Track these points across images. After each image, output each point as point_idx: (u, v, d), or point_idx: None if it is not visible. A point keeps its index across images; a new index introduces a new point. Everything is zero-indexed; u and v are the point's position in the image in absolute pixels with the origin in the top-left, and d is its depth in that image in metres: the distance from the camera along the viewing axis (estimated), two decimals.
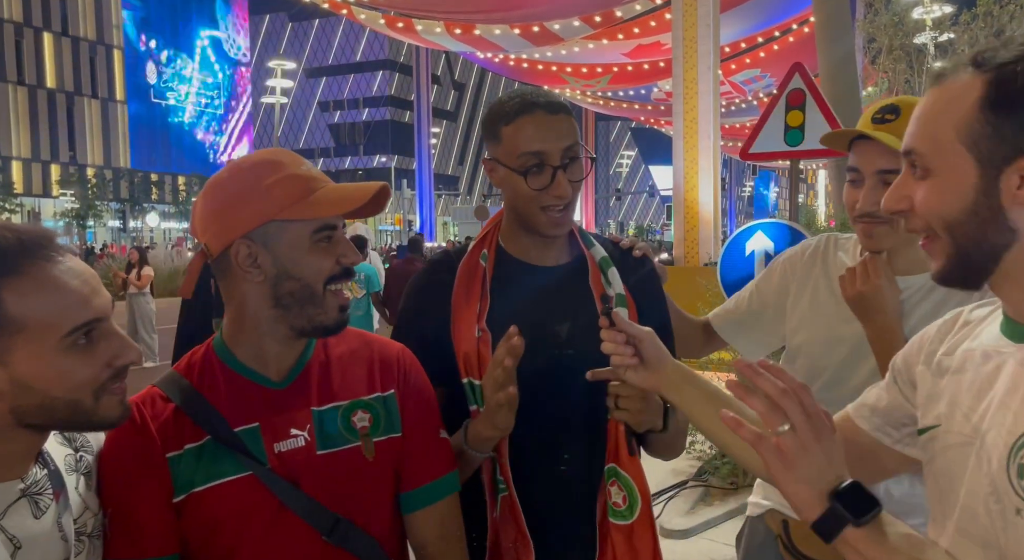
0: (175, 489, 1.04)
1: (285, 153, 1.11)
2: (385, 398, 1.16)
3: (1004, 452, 0.79)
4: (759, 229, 3.96)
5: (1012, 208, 0.80)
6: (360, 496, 1.12)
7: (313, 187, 1.08)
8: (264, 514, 1.06)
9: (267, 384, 1.10)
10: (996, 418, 0.82)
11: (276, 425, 1.08)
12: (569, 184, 1.27)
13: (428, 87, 25.83)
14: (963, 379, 0.88)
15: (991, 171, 0.80)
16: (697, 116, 7.90)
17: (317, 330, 1.10)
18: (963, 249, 0.83)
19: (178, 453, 1.05)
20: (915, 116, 0.87)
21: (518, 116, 1.26)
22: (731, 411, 1.06)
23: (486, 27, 14.95)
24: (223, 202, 1.07)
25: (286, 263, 1.06)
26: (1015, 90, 0.79)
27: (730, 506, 4.26)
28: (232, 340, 1.12)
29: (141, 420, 1.05)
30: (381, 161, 66.96)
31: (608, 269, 1.34)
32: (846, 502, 0.80)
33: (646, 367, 1.13)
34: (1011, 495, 0.78)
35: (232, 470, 1.05)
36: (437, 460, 1.20)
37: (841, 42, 5.99)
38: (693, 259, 7.91)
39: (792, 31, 15.98)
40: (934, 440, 0.91)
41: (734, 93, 18.66)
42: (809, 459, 0.82)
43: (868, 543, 0.79)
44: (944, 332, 0.98)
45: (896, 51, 9.47)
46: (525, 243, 1.36)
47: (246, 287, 1.07)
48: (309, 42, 71.52)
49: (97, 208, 40.96)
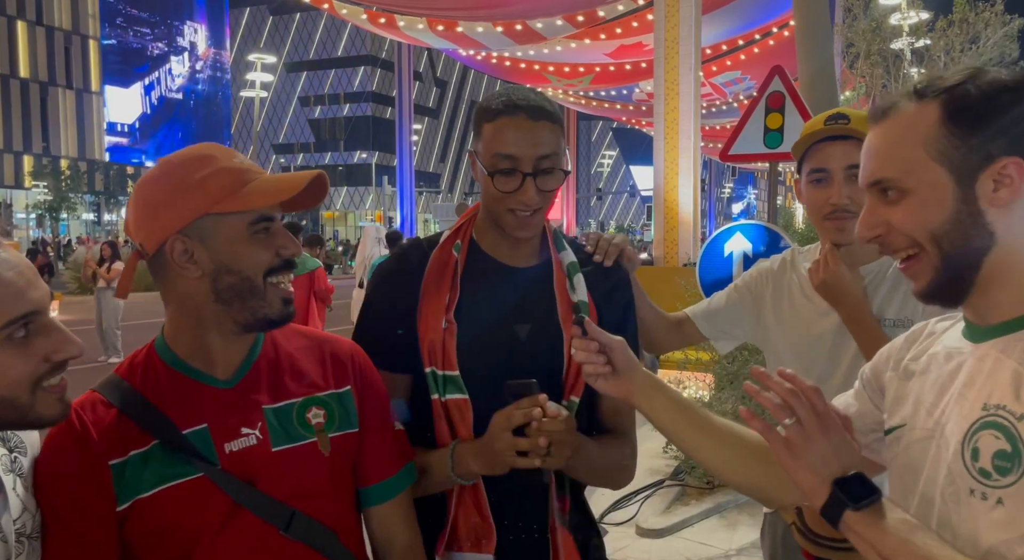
0: (118, 498, 1.01)
1: (216, 147, 1.10)
2: (340, 394, 1.16)
3: (959, 438, 0.87)
4: (738, 230, 3.99)
5: (990, 210, 0.87)
6: (317, 490, 1.11)
7: (246, 179, 1.06)
8: (217, 514, 1.04)
9: (214, 383, 1.09)
10: (954, 410, 0.89)
11: (226, 425, 1.07)
12: (538, 193, 1.26)
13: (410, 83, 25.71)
14: (927, 379, 0.95)
15: (966, 180, 0.88)
16: (678, 117, 7.94)
17: (261, 323, 1.08)
18: (949, 259, 0.89)
19: (122, 459, 1.02)
20: (870, 151, 0.94)
21: (499, 116, 1.26)
22: (699, 419, 1.10)
23: (469, 24, 14.90)
24: (154, 199, 1.06)
25: (224, 257, 1.05)
26: (972, 105, 0.88)
27: (706, 505, 4.29)
28: (174, 340, 1.10)
29: (81, 426, 1.02)
30: (362, 157, 66.55)
31: (575, 275, 1.35)
32: (846, 489, 0.88)
33: (617, 376, 1.14)
34: (965, 477, 0.85)
35: (181, 473, 1.03)
36: (396, 454, 1.21)
37: (820, 47, 6.05)
38: (672, 259, 7.95)
39: (772, 34, 16.12)
40: (899, 439, 0.98)
41: (715, 95, 18.79)
42: (814, 449, 0.90)
43: (865, 525, 0.86)
44: (911, 341, 1.05)
45: (874, 56, 9.58)
46: (496, 241, 1.36)
47: (184, 284, 1.06)
48: (290, 36, 70.81)
49: (71, 200, 40.30)
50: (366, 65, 67.63)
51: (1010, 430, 0.82)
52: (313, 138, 70.34)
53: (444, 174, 77.11)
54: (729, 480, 1.16)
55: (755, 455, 1.10)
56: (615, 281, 1.42)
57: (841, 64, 9.88)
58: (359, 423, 1.18)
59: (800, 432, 0.90)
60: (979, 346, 0.90)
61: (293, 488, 1.09)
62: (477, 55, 18.49)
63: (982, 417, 0.85)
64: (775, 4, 13.71)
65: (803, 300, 1.72)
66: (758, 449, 1.11)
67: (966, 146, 0.87)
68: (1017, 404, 0.82)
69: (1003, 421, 0.83)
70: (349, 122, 68.57)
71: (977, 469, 0.85)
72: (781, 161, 4.74)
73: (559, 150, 1.27)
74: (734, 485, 1.18)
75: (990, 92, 0.87)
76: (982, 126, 0.87)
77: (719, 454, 1.12)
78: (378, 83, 67.36)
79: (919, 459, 0.93)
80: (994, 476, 0.83)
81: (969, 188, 0.87)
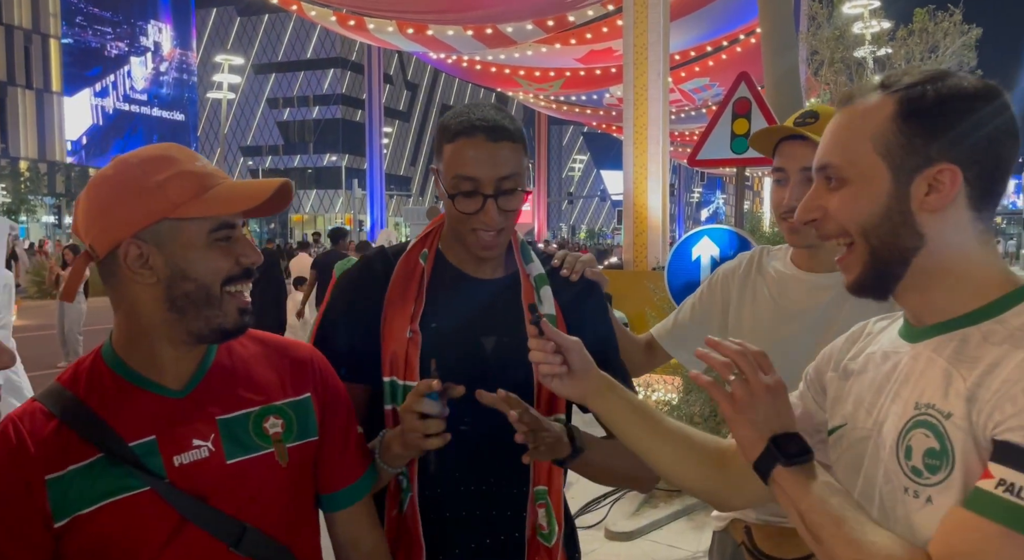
0: (54, 514, 0.96)
1: (177, 148, 1.05)
2: (299, 402, 1.13)
3: (894, 437, 0.88)
4: (705, 234, 4.03)
5: (920, 213, 0.88)
6: (272, 502, 1.08)
7: (209, 184, 1.02)
8: (162, 531, 1.00)
9: (164, 393, 1.04)
10: (891, 409, 0.91)
11: (175, 436, 1.02)
12: (500, 213, 1.25)
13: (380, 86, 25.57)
14: (865, 378, 0.97)
15: (902, 178, 0.88)
16: (647, 122, 7.99)
17: (215, 334, 1.04)
18: (877, 253, 0.91)
19: (60, 474, 0.97)
20: (827, 133, 0.95)
21: (458, 137, 1.23)
22: (654, 422, 1.11)
23: (439, 27, 14.87)
24: (108, 200, 1.00)
25: (181, 263, 1.00)
26: (924, 106, 0.88)
27: (674, 508, 4.31)
28: (123, 347, 1.05)
29: (17, 438, 0.97)
30: (332, 160, 65.96)
31: (542, 287, 1.33)
32: (781, 445, 0.93)
33: (572, 376, 1.14)
34: (899, 475, 0.87)
35: (126, 487, 0.99)
36: (359, 458, 1.19)
37: (785, 54, 6.15)
38: (642, 263, 8.00)
39: (740, 41, 16.36)
40: (841, 439, 1.00)
41: (684, 101, 19.01)
42: (756, 406, 0.94)
43: (791, 482, 0.91)
44: (851, 341, 1.06)
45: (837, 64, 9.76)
46: (462, 253, 1.34)
47: (137, 290, 1.01)
48: (258, 38, 70.01)
49: (30, 203, 39.32)
50: (336, 67, 67.11)
51: (938, 428, 0.84)
52: (282, 140, 69.56)
53: (415, 177, 76.82)
54: (681, 483, 1.16)
55: (708, 458, 1.11)
56: (581, 288, 1.40)
57: (806, 71, 10.05)
58: (319, 430, 1.15)
59: (744, 388, 0.95)
60: (915, 346, 0.91)
61: (247, 501, 1.05)
62: (448, 58, 18.47)
63: (914, 416, 0.87)
64: (742, 12, 13.92)
65: (767, 302, 1.67)
66: (711, 452, 1.12)
67: (910, 146, 0.88)
68: (945, 402, 0.84)
69: (932, 420, 0.84)
70: (318, 124, 67.94)
71: (910, 467, 0.86)
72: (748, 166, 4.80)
73: (520, 169, 1.26)
74: (686, 488, 1.19)
75: (945, 97, 0.87)
76: (928, 129, 0.87)
77: (672, 456, 1.12)
78: (348, 85, 66.89)
79: (859, 459, 0.95)
80: (925, 474, 0.84)
81: (904, 187, 0.88)
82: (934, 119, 0.87)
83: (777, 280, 1.67)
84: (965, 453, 0.81)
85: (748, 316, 1.68)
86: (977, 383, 0.81)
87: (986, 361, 0.82)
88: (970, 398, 0.81)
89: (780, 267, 1.69)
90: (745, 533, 1.67)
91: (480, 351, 1.29)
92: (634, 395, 1.18)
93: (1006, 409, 0.78)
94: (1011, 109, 0.87)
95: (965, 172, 0.86)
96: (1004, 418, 0.77)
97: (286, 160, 68.45)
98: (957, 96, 0.87)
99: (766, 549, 1.62)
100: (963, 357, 0.85)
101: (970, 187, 0.87)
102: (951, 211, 0.87)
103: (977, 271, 0.89)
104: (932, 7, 9.88)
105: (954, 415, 0.82)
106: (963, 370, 0.84)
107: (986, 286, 0.88)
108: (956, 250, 0.88)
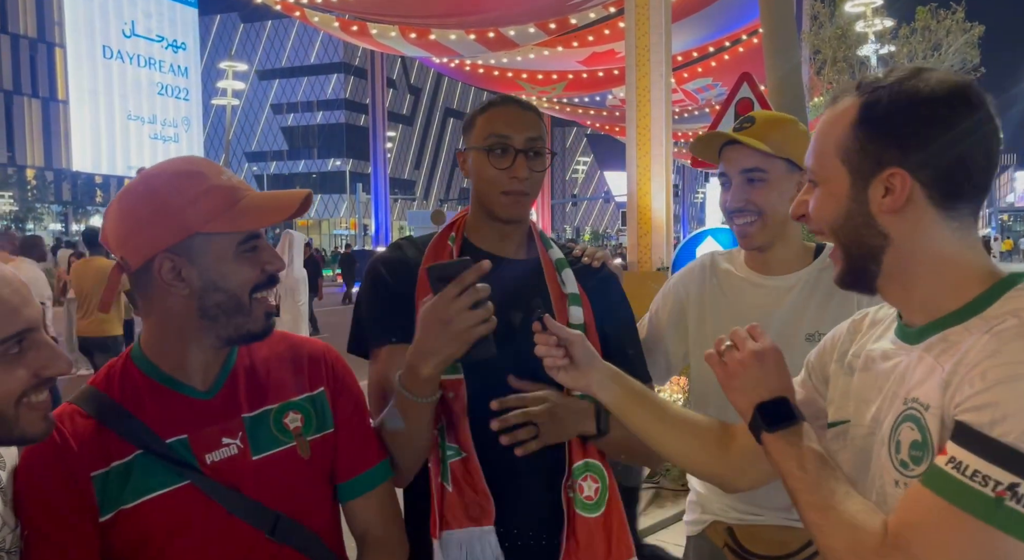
0: (101, 509, 1.00)
1: (203, 162, 1.09)
2: (314, 397, 1.17)
3: (888, 433, 0.91)
4: (709, 234, 4.05)
5: (880, 215, 0.91)
6: (299, 494, 1.12)
7: (236, 198, 1.06)
8: (202, 521, 1.04)
9: (193, 394, 1.08)
10: (888, 408, 0.93)
11: (206, 436, 1.06)
12: (529, 171, 1.36)
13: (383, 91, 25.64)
14: (867, 377, 0.99)
15: (859, 183, 0.92)
16: (650, 123, 8.00)
17: (244, 338, 1.09)
18: (848, 250, 0.95)
19: (104, 471, 1.01)
20: (813, 133, 0.98)
21: (491, 107, 1.41)
22: (658, 409, 1.14)
23: (441, 32, 14.91)
24: (142, 215, 1.04)
25: (213, 275, 1.04)
26: (879, 112, 0.90)
27: (681, 507, 4.31)
28: (154, 351, 1.09)
29: (60, 438, 1.01)
30: (336, 165, 66.13)
31: (563, 270, 1.41)
32: (764, 412, 0.97)
33: (576, 367, 1.19)
34: (891, 470, 0.89)
35: (166, 482, 1.03)
36: (371, 449, 1.22)
37: (787, 54, 6.16)
38: (646, 264, 8.01)
39: (742, 42, 16.34)
40: (845, 434, 1.02)
41: (687, 101, 18.99)
42: (747, 373, 0.99)
43: (775, 447, 0.95)
44: (854, 332, 1.08)
45: (840, 63, 9.76)
46: (488, 234, 1.43)
47: (169, 300, 1.05)
48: (262, 44, 70.26)
49: (37, 210, 39.54)
50: (339, 72, 67.30)
51: (920, 420, 0.86)
52: (286, 146, 69.77)
53: (419, 181, 76.91)
54: (688, 467, 1.21)
55: (712, 442, 1.15)
56: (602, 276, 1.48)
57: (809, 70, 10.05)
58: (334, 422, 1.19)
59: (734, 357, 1.01)
60: (912, 348, 0.93)
61: (275, 493, 1.09)
62: (451, 63, 18.51)
63: (903, 411, 0.89)
64: (744, 12, 13.91)
65: (725, 306, 1.65)
66: (716, 437, 1.15)
67: (863, 151, 0.91)
68: (926, 395, 0.86)
69: (916, 412, 0.87)
70: (322, 129, 68.14)
71: (899, 461, 0.89)
72: None
73: (544, 136, 1.40)
74: (693, 472, 1.23)
75: (899, 101, 0.89)
76: (879, 135, 0.90)
77: (678, 443, 1.16)
78: (351, 90, 67.06)
79: (865, 456, 0.97)
80: (910, 466, 0.87)
81: (862, 192, 0.91)
82: (884, 125, 0.90)
83: (734, 285, 1.67)
84: (940, 441, 0.83)
85: (710, 322, 1.66)
86: (952, 371, 0.84)
87: (962, 349, 0.85)
88: (945, 386, 0.84)
89: (735, 271, 1.69)
90: (728, 534, 1.65)
91: (508, 325, 1.33)
92: (639, 384, 1.21)
93: (964, 390, 0.81)
94: (975, 110, 0.88)
95: (916, 175, 0.88)
96: (963, 399, 0.80)
97: (290, 165, 68.65)
98: (911, 101, 0.89)
99: (751, 547, 1.61)
100: (947, 352, 0.87)
101: (927, 189, 0.88)
102: (912, 212, 0.89)
103: (954, 266, 0.90)
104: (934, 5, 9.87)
105: (931, 405, 0.85)
106: (943, 361, 0.87)
107: (966, 280, 0.90)
108: (927, 247, 0.90)
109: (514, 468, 1.32)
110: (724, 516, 1.65)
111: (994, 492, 0.74)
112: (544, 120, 1.42)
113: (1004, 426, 0.76)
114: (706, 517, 1.70)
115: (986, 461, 0.76)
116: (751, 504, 1.61)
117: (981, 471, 0.76)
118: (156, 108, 49.30)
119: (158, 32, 49.18)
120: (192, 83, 52.47)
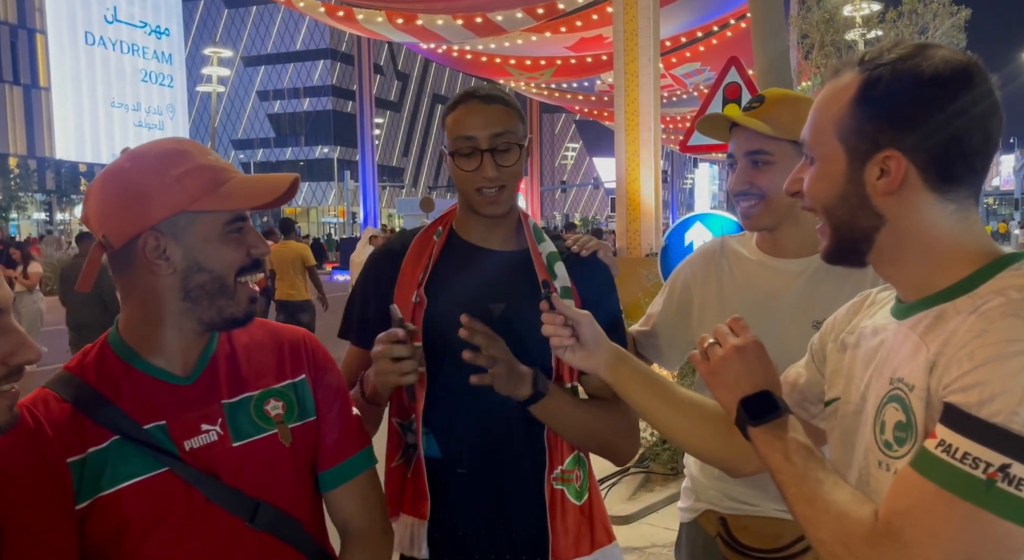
0: (78, 496, 0.99)
1: (190, 143, 1.08)
2: (296, 384, 1.16)
3: (873, 412, 0.90)
4: (698, 220, 4.05)
5: (876, 196, 0.89)
6: (279, 481, 1.11)
7: (223, 178, 1.04)
8: (181, 509, 1.03)
9: (172, 380, 1.07)
10: (874, 385, 0.92)
11: (185, 422, 1.05)
12: (496, 168, 1.34)
13: (370, 77, 25.43)
14: (858, 353, 0.99)
15: (856, 162, 0.90)
16: (638, 109, 7.99)
17: (226, 323, 1.07)
18: (840, 230, 0.93)
19: (80, 457, 0.99)
20: (812, 108, 0.96)
21: (457, 106, 1.39)
22: (665, 391, 1.14)
23: (428, 17, 14.78)
24: (127, 193, 1.02)
25: (198, 255, 1.03)
26: (878, 91, 0.88)
27: (670, 491, 4.35)
28: (132, 335, 1.07)
29: (35, 424, 0.99)
30: (323, 152, 65.69)
31: (555, 263, 1.40)
32: (748, 406, 0.96)
33: (583, 348, 1.18)
34: (875, 450, 0.89)
35: (144, 469, 1.02)
36: (352, 437, 1.21)
37: (775, 38, 6.14)
38: (635, 250, 8.02)
39: (730, 26, 16.30)
40: (836, 411, 1.01)
41: (675, 86, 18.96)
42: (728, 368, 0.99)
43: (761, 441, 0.95)
44: (852, 312, 1.08)
45: (828, 47, 9.74)
46: (474, 227, 1.44)
47: (152, 280, 1.04)
48: (247, 29, 69.43)
49: (21, 199, 39.08)
50: (326, 58, 66.66)
51: (905, 401, 0.85)
52: (273, 133, 69.18)
53: (407, 168, 76.54)
54: (692, 449, 1.20)
55: (718, 426, 1.13)
56: (593, 268, 1.47)
57: (797, 55, 10.04)
58: (315, 409, 1.18)
59: (716, 353, 1.00)
60: (900, 323, 0.93)
61: (256, 481, 1.09)
62: (438, 48, 18.37)
63: (888, 391, 0.88)
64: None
65: (733, 290, 1.63)
66: (721, 420, 1.13)
67: (861, 131, 0.89)
68: (911, 375, 0.85)
69: (901, 393, 0.86)
70: (309, 116, 67.58)
71: (883, 442, 0.88)
72: None
73: (514, 129, 1.37)
74: (699, 455, 1.22)
75: (900, 81, 0.87)
76: (876, 115, 0.87)
77: (684, 425, 1.15)
78: (338, 77, 66.49)
79: (848, 433, 0.97)
80: (894, 447, 0.86)
81: (859, 172, 0.89)
82: (882, 106, 0.87)
83: (744, 267, 1.64)
84: (925, 423, 0.82)
85: (715, 305, 1.64)
86: (938, 352, 0.83)
87: (948, 330, 0.84)
88: (931, 367, 0.83)
89: (746, 253, 1.66)
90: (721, 524, 1.63)
91: (486, 316, 1.34)
92: (646, 366, 1.21)
93: (952, 372, 0.79)
94: (978, 91, 0.86)
95: (911, 158, 0.86)
96: (951, 381, 0.79)
97: (277, 153, 68.14)
98: (910, 82, 0.86)
99: (743, 539, 1.60)
100: (933, 330, 0.86)
101: (922, 171, 0.87)
102: (908, 193, 0.88)
103: (949, 246, 0.89)
104: None
105: (916, 387, 0.84)
106: (929, 341, 0.85)
107: (960, 260, 0.88)
108: (922, 228, 0.89)
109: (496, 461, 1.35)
110: (718, 505, 1.64)
111: (985, 474, 0.73)
112: (516, 106, 1.40)
113: (993, 406, 0.74)
114: (700, 505, 1.68)
115: (976, 443, 0.74)
116: (747, 492, 1.59)
117: (971, 453, 0.74)
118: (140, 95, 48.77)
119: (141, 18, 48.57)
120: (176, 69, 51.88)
